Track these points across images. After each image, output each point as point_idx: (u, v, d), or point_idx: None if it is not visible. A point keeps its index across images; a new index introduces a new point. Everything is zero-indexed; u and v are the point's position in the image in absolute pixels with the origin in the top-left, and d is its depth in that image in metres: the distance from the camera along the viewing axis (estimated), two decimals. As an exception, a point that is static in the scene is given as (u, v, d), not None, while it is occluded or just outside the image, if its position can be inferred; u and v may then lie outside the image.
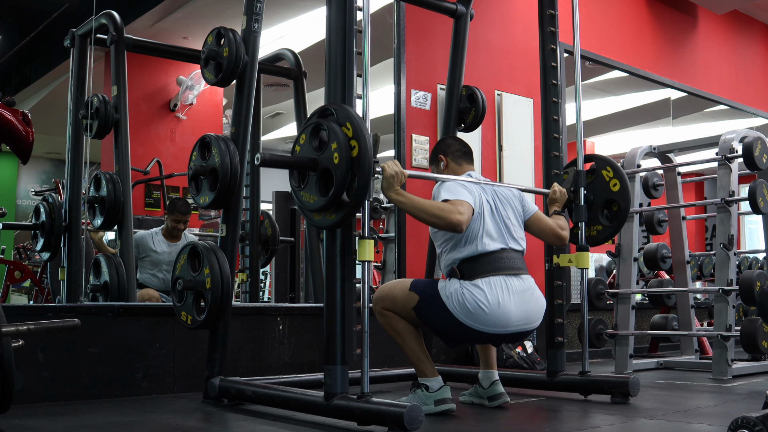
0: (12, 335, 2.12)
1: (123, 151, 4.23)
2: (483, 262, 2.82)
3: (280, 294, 5.53)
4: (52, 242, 4.33)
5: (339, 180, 2.43)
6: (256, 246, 4.92)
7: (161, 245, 4.83)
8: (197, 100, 6.54)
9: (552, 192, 3.33)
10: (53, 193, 4.41)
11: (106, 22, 4.28)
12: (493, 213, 2.92)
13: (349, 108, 2.53)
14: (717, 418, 2.84)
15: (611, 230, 3.49)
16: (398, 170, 2.70)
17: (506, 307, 2.78)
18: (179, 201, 4.88)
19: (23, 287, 6.31)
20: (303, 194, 2.57)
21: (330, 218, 2.53)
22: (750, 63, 7.80)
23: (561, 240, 3.15)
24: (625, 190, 3.42)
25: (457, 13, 3.95)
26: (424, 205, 2.74)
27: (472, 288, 2.78)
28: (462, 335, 2.87)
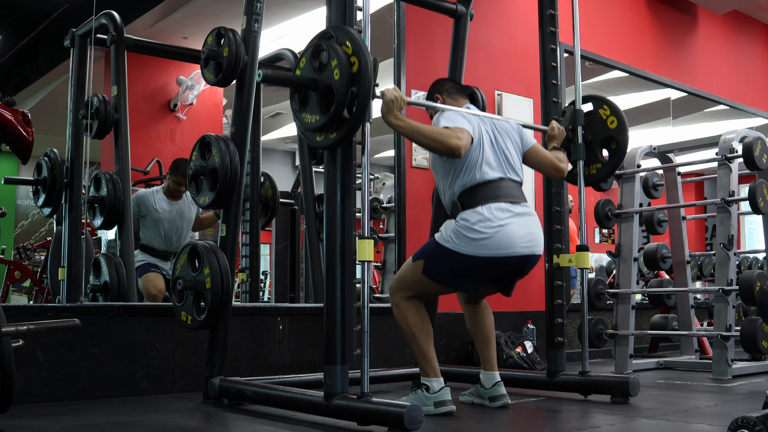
0: (12, 335, 2.12)
1: (123, 151, 4.23)
2: (483, 190, 2.85)
3: (280, 294, 5.52)
4: (53, 198, 4.36)
5: (340, 96, 2.48)
6: (258, 245, 4.92)
7: (162, 203, 4.82)
8: (197, 100, 6.54)
9: (551, 129, 3.34)
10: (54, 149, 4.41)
11: (106, 22, 4.28)
12: (492, 143, 2.95)
13: (348, 28, 2.57)
14: (717, 418, 2.84)
15: (610, 167, 3.50)
16: (398, 95, 2.74)
17: (509, 227, 2.80)
18: (182, 163, 4.87)
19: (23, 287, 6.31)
20: (305, 115, 2.62)
21: (331, 137, 2.57)
22: (750, 63, 7.80)
23: (560, 172, 3.18)
24: (622, 127, 3.44)
25: (457, 13, 3.95)
26: (423, 129, 2.77)
27: (470, 215, 2.81)
28: (474, 271, 2.85)
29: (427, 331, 2.90)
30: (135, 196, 4.70)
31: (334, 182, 2.62)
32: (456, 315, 4.40)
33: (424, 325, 2.89)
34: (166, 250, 4.79)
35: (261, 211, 5.03)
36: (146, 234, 4.80)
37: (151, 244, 4.78)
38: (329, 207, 2.62)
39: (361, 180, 2.63)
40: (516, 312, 4.89)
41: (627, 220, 4.73)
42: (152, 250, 4.77)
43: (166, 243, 4.80)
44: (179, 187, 4.82)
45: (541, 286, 3.55)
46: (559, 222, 3.53)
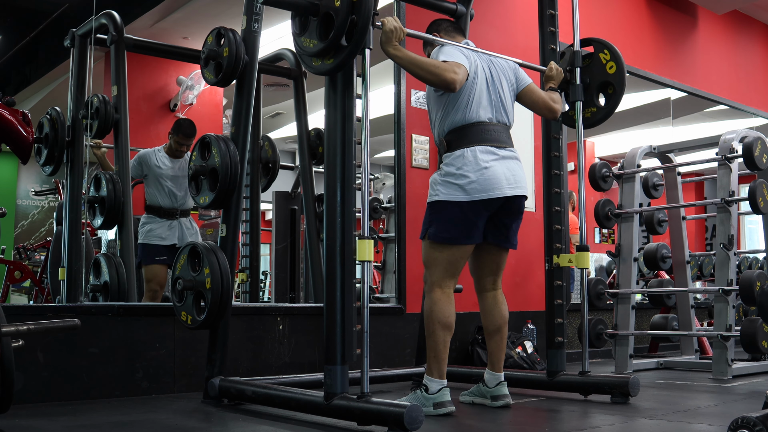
0: (12, 335, 2.12)
1: (123, 151, 4.23)
2: (470, 131, 2.89)
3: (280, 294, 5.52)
4: (55, 155, 4.34)
5: (339, 23, 2.51)
6: (258, 247, 4.92)
7: (164, 161, 4.80)
8: (197, 100, 6.54)
9: (548, 69, 3.36)
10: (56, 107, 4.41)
11: (106, 22, 4.29)
12: (487, 82, 2.98)
13: None
14: (717, 418, 2.84)
15: (606, 111, 3.53)
16: (397, 25, 2.75)
17: (493, 170, 2.85)
18: (185, 122, 4.86)
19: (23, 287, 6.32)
20: (303, 40, 2.66)
21: (328, 62, 2.61)
22: (750, 63, 7.80)
23: (553, 112, 3.20)
24: (620, 73, 3.47)
25: (457, 13, 3.94)
26: (421, 60, 2.80)
27: (454, 160, 2.85)
28: (466, 216, 2.87)
29: (449, 329, 2.90)
30: (136, 156, 4.69)
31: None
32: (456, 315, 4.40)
33: (449, 323, 2.89)
34: (172, 207, 4.75)
35: (261, 172, 5.04)
36: (151, 192, 4.77)
37: (156, 203, 4.74)
38: (329, 206, 2.62)
39: (361, 180, 2.63)
40: (516, 312, 4.88)
41: (627, 220, 4.73)
42: (158, 209, 4.73)
43: (171, 199, 4.77)
44: (181, 147, 4.81)
45: (541, 286, 3.55)
46: (559, 222, 3.53)
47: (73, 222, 4.34)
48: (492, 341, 3.11)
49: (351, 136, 2.65)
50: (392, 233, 4.72)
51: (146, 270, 4.58)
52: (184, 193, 4.78)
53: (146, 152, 4.83)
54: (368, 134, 2.60)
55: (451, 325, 2.90)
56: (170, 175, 4.78)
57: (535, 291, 5.04)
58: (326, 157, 2.68)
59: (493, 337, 3.11)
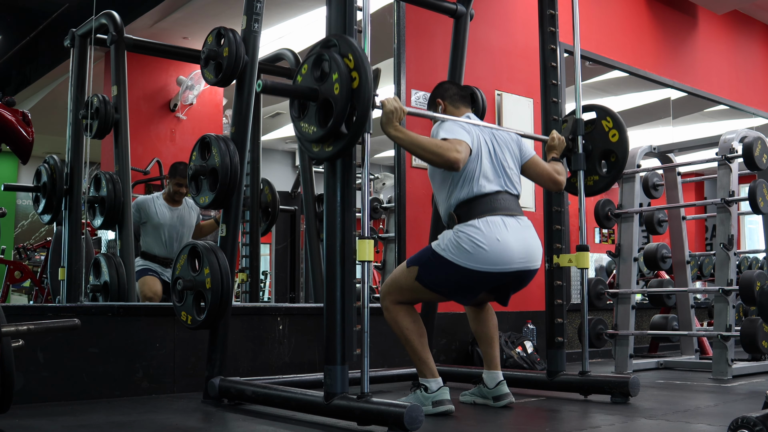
0: (12, 335, 2.12)
1: (123, 151, 4.23)
2: (479, 203, 2.84)
3: (280, 294, 5.53)
4: (53, 204, 4.35)
5: (339, 111, 2.46)
6: (257, 246, 4.92)
7: (162, 209, 4.82)
8: (197, 100, 6.54)
9: (551, 139, 3.34)
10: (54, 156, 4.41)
11: (106, 22, 4.28)
12: (491, 155, 2.94)
13: (351, 39, 2.55)
14: (717, 418, 2.84)
15: (608, 180, 3.51)
16: (398, 106, 2.72)
17: (506, 241, 2.79)
18: (180, 165, 4.87)
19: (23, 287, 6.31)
20: (302, 124, 2.61)
21: (328, 150, 2.56)
22: (750, 63, 7.80)
23: (557, 185, 3.17)
24: (623, 141, 3.43)
25: (457, 13, 3.95)
26: (422, 141, 2.76)
27: (467, 228, 2.79)
28: (469, 283, 2.85)
29: (420, 332, 2.89)
30: (135, 203, 4.69)
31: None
32: (456, 315, 4.40)
33: (416, 327, 2.88)
34: (167, 257, 4.78)
35: (261, 217, 5.03)
36: (147, 240, 4.80)
37: (151, 251, 4.77)
38: (329, 207, 2.61)
39: (361, 180, 2.63)
40: (516, 312, 4.88)
41: (627, 220, 4.73)
42: (153, 256, 4.77)
43: (167, 249, 4.79)
44: (180, 189, 4.82)
45: (541, 286, 3.55)
46: (559, 222, 3.53)
47: (73, 222, 4.34)
48: (484, 344, 3.14)
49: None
50: (392, 233, 4.72)
51: (139, 282, 4.57)
52: (180, 243, 4.81)
53: (145, 200, 4.85)
54: (368, 144, 2.59)
55: (420, 329, 2.90)
56: (169, 224, 4.79)
57: (535, 291, 5.02)
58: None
59: (485, 341, 3.13)
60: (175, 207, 4.85)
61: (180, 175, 4.81)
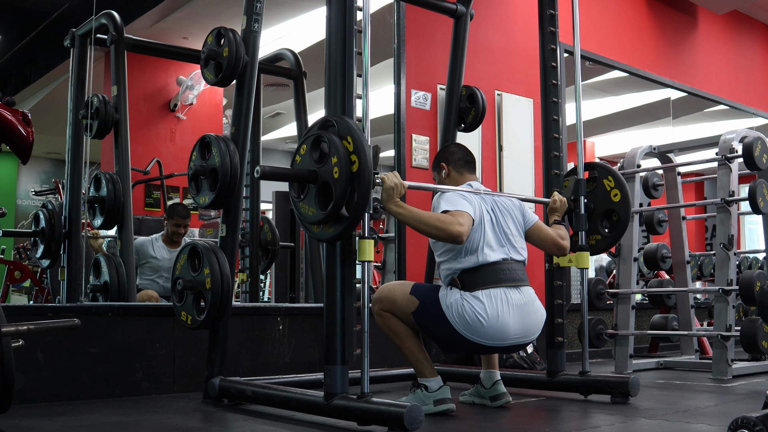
0: (12, 335, 2.12)
1: (123, 151, 4.23)
2: (483, 273, 2.81)
3: (280, 294, 5.53)
4: (52, 249, 4.32)
5: (338, 194, 2.42)
6: (256, 247, 4.91)
7: (161, 251, 4.83)
8: (197, 100, 6.54)
9: (552, 201, 3.32)
10: (53, 200, 4.41)
11: (106, 22, 4.28)
12: (493, 223, 2.91)
13: (350, 121, 2.52)
14: (717, 418, 2.84)
15: (610, 240, 3.50)
16: (398, 182, 2.69)
17: (505, 320, 2.78)
18: (178, 206, 4.88)
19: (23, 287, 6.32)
20: (302, 206, 2.57)
21: (329, 231, 2.53)
22: (750, 63, 7.80)
23: (562, 250, 3.15)
24: (625, 201, 3.42)
25: (457, 13, 3.95)
26: (424, 216, 2.73)
27: (472, 300, 2.77)
28: (459, 345, 2.87)
29: (413, 333, 2.90)
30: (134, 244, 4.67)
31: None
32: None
33: (408, 330, 2.89)
34: (165, 296, 4.77)
35: (261, 255, 5.01)
36: (145, 282, 4.80)
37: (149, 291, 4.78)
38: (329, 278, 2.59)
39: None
40: (516, 312, 4.88)
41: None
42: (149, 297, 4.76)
43: (165, 291, 4.79)
44: (178, 229, 4.82)
45: (541, 286, 3.55)
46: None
47: (73, 222, 4.34)
48: None
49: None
50: (392, 233, 4.72)
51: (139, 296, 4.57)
52: None
53: (143, 242, 4.85)
54: (368, 134, 2.60)
55: (414, 330, 2.90)
56: (167, 266, 4.79)
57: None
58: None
59: None
60: (173, 248, 4.84)
61: (178, 215, 4.81)
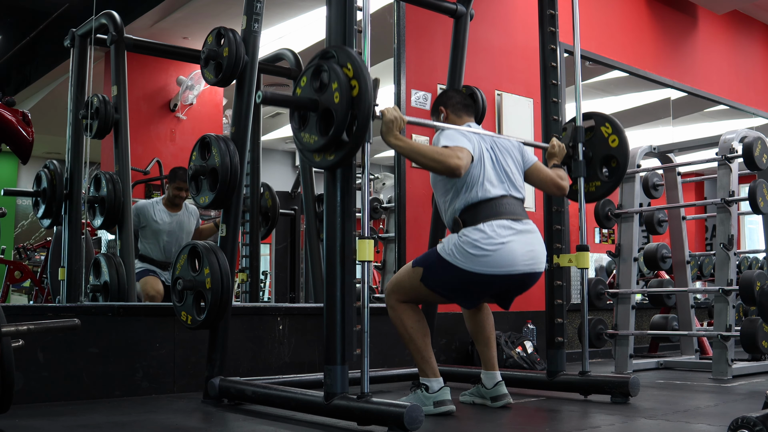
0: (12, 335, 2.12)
1: (123, 151, 4.23)
2: (484, 207, 2.84)
3: (280, 294, 5.53)
4: (53, 209, 4.35)
5: (339, 119, 2.46)
6: (257, 246, 4.92)
7: (162, 215, 4.83)
8: (197, 100, 6.54)
9: (551, 146, 3.34)
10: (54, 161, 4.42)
11: (106, 22, 4.28)
12: (493, 161, 2.94)
13: (349, 49, 2.56)
14: (717, 418, 2.84)
15: (609, 186, 3.51)
16: (397, 115, 2.72)
17: (510, 245, 2.79)
18: (180, 169, 4.88)
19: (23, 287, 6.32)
20: (303, 135, 2.62)
21: (330, 158, 2.56)
22: (750, 63, 7.80)
23: (561, 190, 3.18)
24: (623, 146, 3.43)
25: (457, 13, 3.95)
26: (423, 149, 2.77)
27: (472, 232, 2.79)
28: (474, 287, 2.86)
29: (424, 331, 2.90)
30: (134, 207, 4.69)
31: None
32: (456, 315, 4.40)
33: (420, 326, 2.89)
34: (165, 261, 4.79)
35: (261, 222, 5.03)
36: (145, 245, 4.81)
37: (149, 255, 4.79)
38: (329, 214, 2.61)
39: (361, 180, 2.63)
40: (516, 312, 4.88)
41: (627, 220, 4.73)
42: (151, 260, 4.78)
43: (165, 254, 4.81)
44: (180, 192, 4.82)
45: (541, 286, 3.55)
46: (559, 222, 3.54)
47: (73, 222, 4.34)
48: (481, 344, 3.14)
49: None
50: (392, 233, 4.72)
51: (140, 283, 4.58)
52: (178, 248, 4.81)
53: (144, 204, 4.86)
54: (370, 134, 2.60)
55: (425, 328, 2.90)
56: (168, 230, 4.80)
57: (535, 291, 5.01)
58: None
59: (481, 340, 3.13)
60: (174, 212, 4.86)
61: (180, 179, 4.81)
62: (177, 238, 4.83)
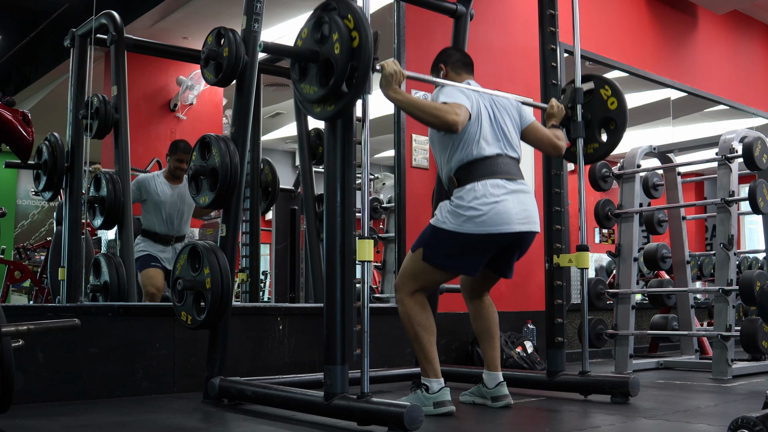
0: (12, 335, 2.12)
1: (123, 151, 4.23)
2: (479, 166, 2.87)
3: (280, 294, 5.52)
4: (54, 181, 4.35)
5: (340, 69, 2.50)
6: (258, 247, 4.91)
7: (163, 187, 4.81)
8: (197, 100, 6.53)
9: (550, 107, 3.36)
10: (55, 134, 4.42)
11: (106, 22, 4.28)
12: (491, 119, 2.97)
13: (350, 1, 2.58)
14: (717, 418, 2.84)
15: (607, 147, 3.52)
16: (397, 69, 2.75)
17: (504, 204, 2.82)
18: (180, 142, 4.89)
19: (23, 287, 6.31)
20: (304, 86, 2.65)
21: (329, 109, 2.60)
22: (750, 63, 7.80)
23: (557, 149, 3.19)
24: (622, 109, 3.45)
25: (457, 13, 3.95)
26: (421, 103, 2.81)
27: (465, 193, 2.83)
28: (472, 249, 2.86)
29: (431, 330, 2.90)
30: (135, 181, 4.70)
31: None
32: (456, 315, 4.40)
33: (428, 325, 2.89)
34: (168, 234, 4.76)
35: (261, 196, 5.05)
36: (147, 218, 4.78)
37: (152, 228, 4.75)
38: (329, 206, 2.62)
39: (361, 180, 2.63)
40: (516, 312, 4.89)
41: (627, 220, 4.73)
42: (153, 234, 4.74)
43: (167, 226, 4.78)
44: (181, 164, 4.81)
45: (541, 286, 3.55)
46: (559, 222, 3.53)
47: (73, 222, 4.34)
48: (485, 343, 3.13)
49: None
50: (392, 233, 4.72)
51: (142, 275, 4.57)
52: (180, 220, 4.80)
53: (146, 177, 4.84)
54: (368, 134, 2.60)
55: (431, 328, 2.91)
56: (169, 202, 4.78)
57: (535, 291, 5.04)
58: (326, 157, 2.68)
59: (486, 339, 3.12)
60: (175, 185, 4.84)
61: (181, 150, 4.80)
62: (179, 210, 4.81)
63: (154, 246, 4.74)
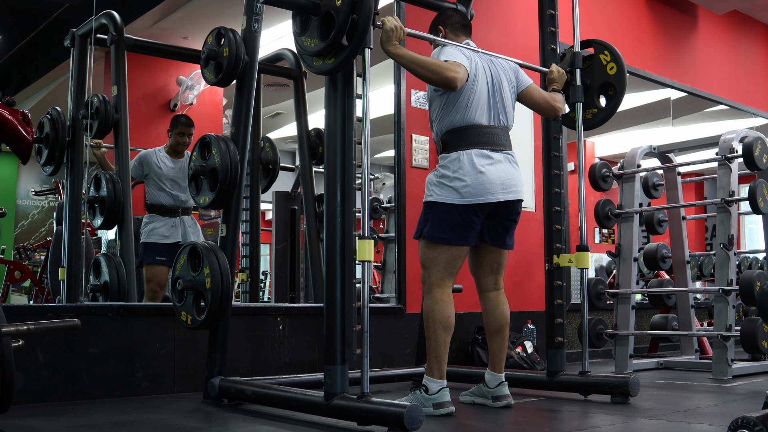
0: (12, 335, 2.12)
1: (123, 151, 4.23)
2: (466, 134, 2.91)
3: (280, 294, 5.52)
4: (55, 155, 4.34)
5: (341, 22, 2.53)
6: (258, 247, 4.92)
7: (164, 161, 4.80)
8: (197, 100, 6.54)
9: (550, 72, 3.37)
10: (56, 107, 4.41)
11: (106, 22, 4.29)
12: (488, 82, 2.99)
13: None
14: (717, 418, 2.84)
15: (606, 112, 3.54)
16: (398, 25, 2.77)
17: (487, 174, 2.87)
18: (182, 116, 4.89)
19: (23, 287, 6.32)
20: (304, 39, 2.68)
21: (329, 62, 2.62)
22: (750, 63, 7.80)
23: (555, 111, 3.21)
24: (621, 74, 3.47)
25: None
26: (421, 59, 2.83)
27: (449, 162, 2.88)
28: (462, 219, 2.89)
29: (449, 330, 2.91)
30: (136, 156, 4.69)
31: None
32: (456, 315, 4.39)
33: (449, 324, 2.90)
34: (174, 205, 4.74)
35: (262, 173, 5.06)
36: (152, 192, 4.76)
37: (158, 202, 4.71)
38: (329, 206, 2.62)
39: (361, 180, 2.63)
40: (516, 312, 4.86)
41: (627, 220, 4.73)
42: (160, 207, 4.71)
43: (172, 198, 4.76)
44: (182, 138, 4.80)
45: (541, 286, 3.55)
46: (559, 222, 3.54)
47: (73, 222, 4.34)
48: (493, 342, 3.11)
49: (351, 135, 2.66)
50: (392, 233, 4.72)
51: (147, 269, 4.58)
52: (184, 192, 4.79)
53: (147, 152, 4.83)
54: (368, 134, 2.60)
55: (451, 326, 2.91)
56: (171, 175, 4.77)
57: (535, 291, 5.03)
58: (326, 157, 2.68)
59: (495, 337, 3.11)
60: (177, 159, 4.83)
61: (182, 125, 4.80)
62: (182, 182, 4.80)
63: (163, 221, 4.69)
